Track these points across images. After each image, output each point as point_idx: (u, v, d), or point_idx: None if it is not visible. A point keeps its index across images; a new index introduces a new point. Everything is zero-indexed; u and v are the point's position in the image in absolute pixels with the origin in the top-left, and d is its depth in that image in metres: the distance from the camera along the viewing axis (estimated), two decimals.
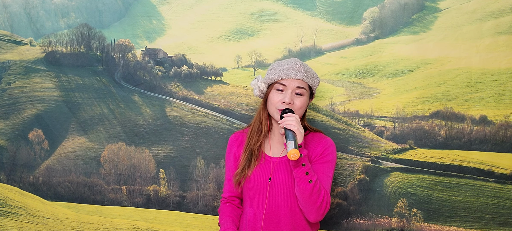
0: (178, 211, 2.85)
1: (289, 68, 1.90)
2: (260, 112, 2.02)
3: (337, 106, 2.66)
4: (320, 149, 1.94)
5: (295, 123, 1.76)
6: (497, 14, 2.51)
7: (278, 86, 1.91)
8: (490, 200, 2.46)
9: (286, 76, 1.89)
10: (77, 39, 2.99)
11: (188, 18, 2.96)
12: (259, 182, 1.96)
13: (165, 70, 2.88)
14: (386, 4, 2.65)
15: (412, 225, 2.53)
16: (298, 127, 1.75)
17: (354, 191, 2.59)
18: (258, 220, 1.96)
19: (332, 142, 2.00)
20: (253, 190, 1.97)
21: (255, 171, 1.97)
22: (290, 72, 1.89)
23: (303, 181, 1.78)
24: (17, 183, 3.01)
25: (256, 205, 1.97)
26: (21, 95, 3.03)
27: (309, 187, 1.77)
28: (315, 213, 1.83)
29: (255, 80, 2.00)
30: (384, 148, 2.60)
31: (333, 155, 1.96)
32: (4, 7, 3.06)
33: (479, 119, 2.49)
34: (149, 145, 2.87)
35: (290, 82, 1.89)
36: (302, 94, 1.91)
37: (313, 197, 1.79)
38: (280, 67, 1.92)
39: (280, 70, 1.91)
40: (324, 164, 1.92)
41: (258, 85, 1.97)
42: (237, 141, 2.10)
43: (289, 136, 1.74)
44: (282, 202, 1.92)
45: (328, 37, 2.74)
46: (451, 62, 2.56)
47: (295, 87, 1.89)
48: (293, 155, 1.68)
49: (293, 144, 1.70)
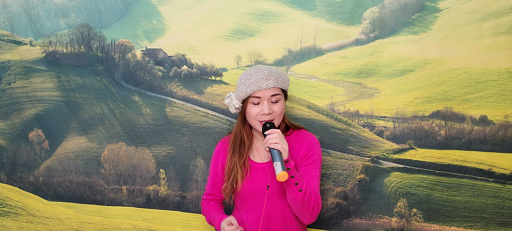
0: (178, 211, 2.85)
1: (259, 80, 1.86)
2: (240, 127, 2.01)
3: (337, 106, 2.66)
4: (304, 150, 1.94)
5: (278, 140, 1.75)
6: (497, 14, 2.51)
7: (253, 100, 1.89)
8: (490, 200, 2.46)
9: (258, 88, 1.86)
10: (77, 39, 2.99)
11: (188, 18, 2.96)
12: (253, 190, 1.97)
13: (165, 70, 2.89)
14: (386, 4, 2.65)
15: (412, 225, 2.53)
16: (281, 144, 1.74)
17: (354, 191, 2.60)
18: (251, 224, 1.99)
19: (315, 140, 1.99)
20: (249, 197, 1.99)
21: (249, 180, 1.98)
22: (261, 84, 1.86)
23: (294, 191, 1.78)
24: (17, 183, 3.02)
25: (249, 211, 2.00)
26: (21, 95, 3.03)
27: (300, 195, 1.78)
28: (308, 216, 1.86)
29: (228, 99, 1.97)
30: (384, 148, 2.60)
31: (318, 153, 1.96)
32: (4, 7, 3.06)
33: (479, 119, 2.49)
34: (149, 145, 2.88)
35: (264, 93, 1.87)
36: (278, 100, 1.90)
37: (305, 204, 1.80)
38: (249, 80, 1.88)
39: (250, 84, 1.87)
40: (310, 164, 1.93)
41: (233, 104, 1.95)
42: (223, 150, 2.10)
43: (275, 157, 1.74)
44: (275, 206, 1.96)
45: (328, 37, 2.74)
46: (451, 62, 2.56)
47: (270, 96, 1.87)
48: (282, 177, 1.70)
49: (281, 165, 1.71)
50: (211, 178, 2.14)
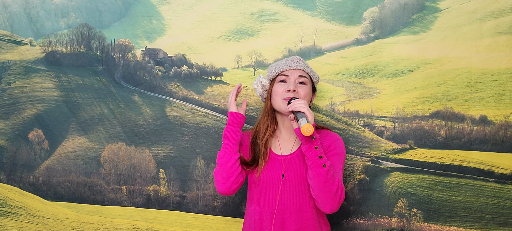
0: (178, 211, 2.85)
1: (289, 61, 2.01)
2: (265, 111, 2.03)
3: (337, 106, 2.66)
4: (327, 143, 1.94)
5: (303, 104, 1.76)
6: (497, 14, 2.51)
7: (280, 78, 1.97)
8: (490, 200, 2.46)
9: (287, 67, 1.98)
10: (77, 39, 2.99)
11: (188, 18, 2.96)
12: (269, 180, 1.94)
13: (165, 70, 2.89)
14: (386, 4, 2.65)
15: (412, 225, 2.53)
16: (307, 108, 1.75)
17: (354, 191, 2.60)
18: (265, 219, 1.94)
19: (339, 137, 2.01)
20: (263, 188, 1.96)
21: (266, 169, 1.96)
22: (291, 64, 1.99)
23: (317, 165, 1.75)
24: (17, 183, 3.01)
25: (263, 204, 1.95)
26: (21, 95, 3.03)
27: (324, 171, 1.74)
28: (330, 201, 1.78)
29: (257, 78, 2.05)
30: (384, 148, 2.60)
31: (341, 148, 1.96)
32: (4, 7, 3.06)
33: (479, 119, 2.49)
34: (149, 145, 2.88)
35: (292, 72, 1.97)
36: (305, 83, 1.97)
37: (328, 183, 1.75)
38: (280, 62, 2.04)
39: (280, 64, 2.02)
40: (333, 156, 1.91)
41: (260, 81, 2.03)
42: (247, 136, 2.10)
43: (300, 117, 1.71)
44: (290, 200, 1.91)
45: (328, 37, 2.74)
46: (451, 62, 2.56)
47: (298, 76, 1.96)
48: (308, 130, 1.64)
49: (306, 120, 1.68)
50: None
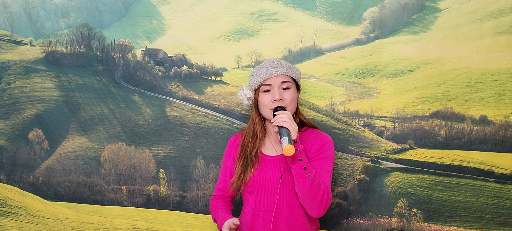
0: (178, 211, 2.85)
1: (269, 68, 1.95)
2: (253, 119, 2.04)
3: (337, 106, 2.66)
4: (317, 146, 1.95)
5: (287, 119, 1.78)
6: (497, 14, 2.51)
7: (264, 88, 1.95)
8: (490, 200, 2.46)
9: (268, 75, 1.94)
10: (77, 39, 2.99)
11: (188, 18, 2.96)
12: (264, 181, 1.96)
13: (165, 70, 2.89)
14: (386, 4, 2.65)
15: (412, 225, 2.53)
16: (290, 123, 1.77)
17: (354, 191, 2.60)
18: (257, 218, 1.97)
19: (329, 138, 2.00)
20: (256, 190, 1.97)
21: (260, 171, 1.97)
22: (271, 71, 1.94)
23: (302, 176, 1.78)
24: (17, 183, 3.01)
25: (256, 204, 1.98)
26: (21, 95, 3.03)
27: (308, 181, 1.77)
28: (316, 208, 1.83)
29: (241, 90, 2.04)
30: (384, 148, 2.60)
31: (330, 150, 1.97)
32: (4, 7, 3.06)
33: (479, 119, 2.49)
34: (149, 145, 2.88)
35: (274, 80, 1.93)
36: (289, 87, 1.95)
37: (313, 192, 1.79)
38: (259, 70, 1.98)
39: (260, 73, 1.96)
40: (322, 159, 1.93)
41: (245, 94, 2.02)
42: (235, 143, 2.12)
43: (283, 133, 1.75)
44: (283, 200, 1.93)
45: (328, 37, 2.74)
46: (451, 62, 2.56)
47: (280, 82, 1.93)
48: (289, 151, 1.69)
49: (288, 140, 1.71)
50: (222, 173, 2.15)
